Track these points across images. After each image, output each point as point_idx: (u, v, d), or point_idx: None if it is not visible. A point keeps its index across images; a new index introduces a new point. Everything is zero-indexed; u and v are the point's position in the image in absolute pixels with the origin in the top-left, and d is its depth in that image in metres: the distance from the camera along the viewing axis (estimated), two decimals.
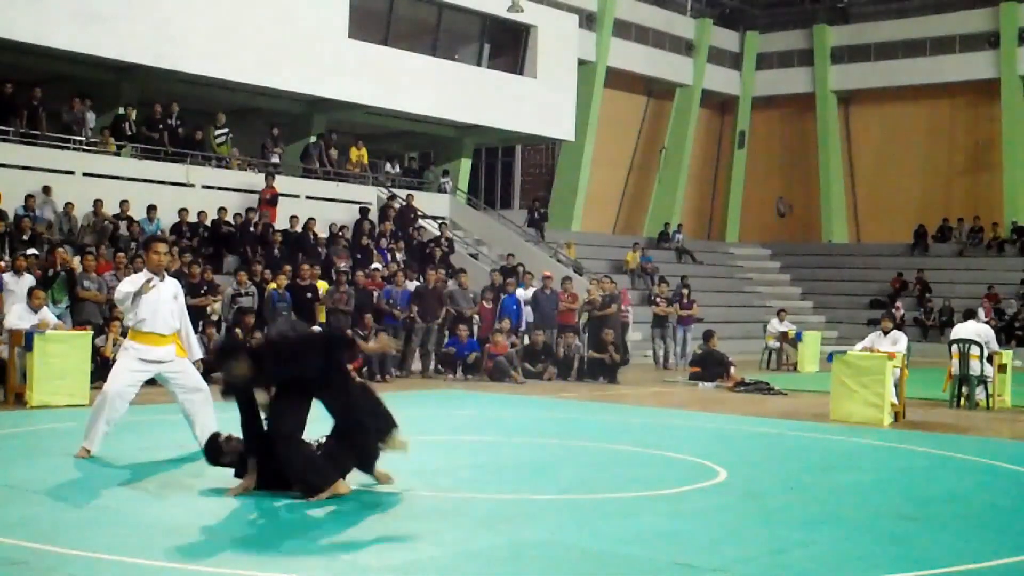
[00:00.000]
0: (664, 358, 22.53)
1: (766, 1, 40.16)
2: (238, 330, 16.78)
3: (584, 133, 32.98)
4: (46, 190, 19.12)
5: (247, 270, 18.18)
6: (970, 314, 16.35)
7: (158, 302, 8.75)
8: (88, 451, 8.72)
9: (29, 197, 18.45)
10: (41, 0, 19.59)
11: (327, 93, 24.31)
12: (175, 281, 9.21)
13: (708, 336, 19.38)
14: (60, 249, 16.28)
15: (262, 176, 22.79)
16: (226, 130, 23.01)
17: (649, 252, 31.53)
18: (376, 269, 20.47)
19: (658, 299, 22.97)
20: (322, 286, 18.53)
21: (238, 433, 7.68)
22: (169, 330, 8.86)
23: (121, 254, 17.15)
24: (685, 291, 23.43)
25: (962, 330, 15.65)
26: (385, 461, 7.73)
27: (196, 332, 16.04)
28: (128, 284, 8.81)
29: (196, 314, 16.90)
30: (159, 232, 19.84)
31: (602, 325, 19.36)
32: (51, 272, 15.70)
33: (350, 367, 17.00)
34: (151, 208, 19.91)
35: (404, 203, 24.76)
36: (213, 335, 16.40)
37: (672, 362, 22.34)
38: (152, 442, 9.90)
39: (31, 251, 16.41)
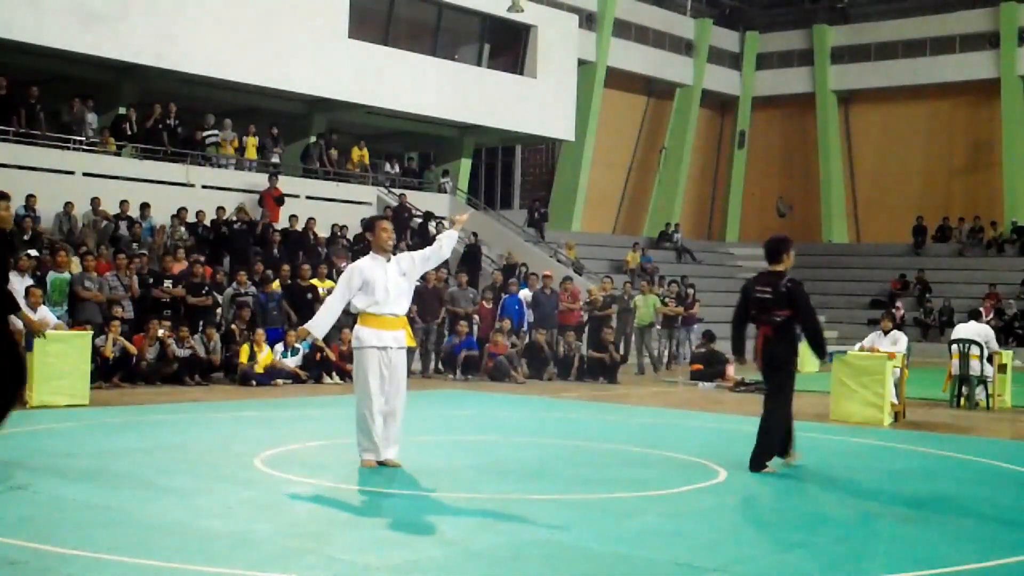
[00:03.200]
0: (668, 358, 22.57)
1: (766, 1, 40.16)
2: (234, 326, 16.79)
3: (584, 133, 32.99)
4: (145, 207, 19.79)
5: (247, 270, 18.18)
6: (975, 315, 16.34)
7: (387, 281, 8.50)
8: (375, 462, 8.49)
9: (30, 197, 18.44)
10: (41, 0, 19.60)
11: (327, 93, 24.33)
12: (406, 255, 8.86)
13: (712, 337, 19.30)
14: (61, 251, 16.26)
15: (262, 176, 22.79)
16: (217, 132, 22.95)
17: (649, 252, 31.53)
18: None
19: (666, 299, 23.05)
20: (328, 285, 18.53)
21: None
22: (402, 311, 8.61)
23: (122, 255, 17.12)
24: (691, 291, 23.57)
25: (963, 330, 15.65)
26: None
27: (196, 332, 16.18)
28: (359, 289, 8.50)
29: (197, 313, 16.97)
30: (154, 229, 19.83)
31: (602, 325, 19.37)
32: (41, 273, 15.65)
33: (351, 367, 17.08)
34: (144, 206, 19.85)
35: (398, 202, 24.75)
36: (213, 335, 16.41)
37: (676, 362, 22.40)
38: (152, 442, 9.90)
39: (32, 252, 16.39)
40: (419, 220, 24.79)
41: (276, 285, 17.87)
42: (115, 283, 16.28)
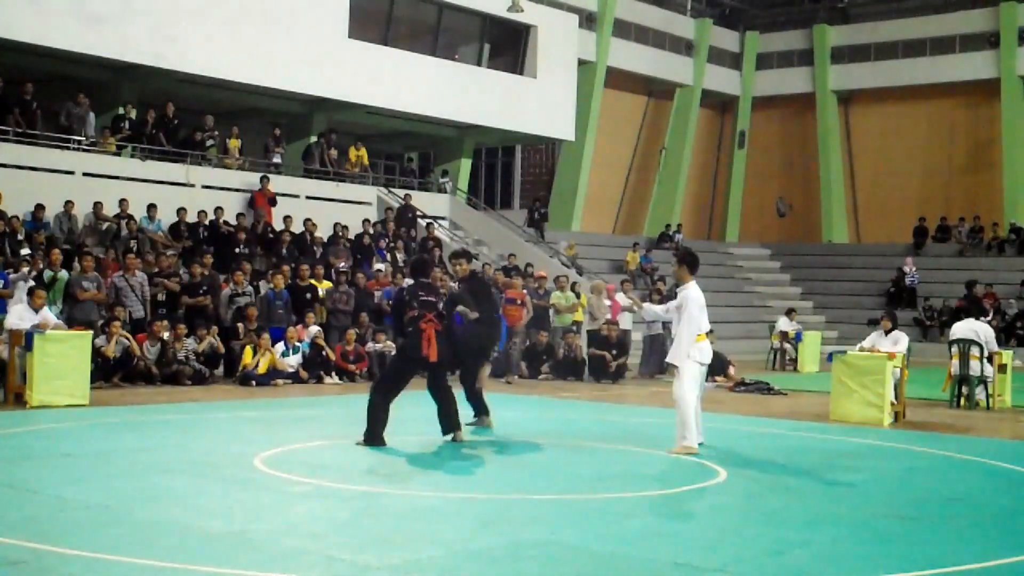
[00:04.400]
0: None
1: (766, 1, 40.16)
2: (240, 325, 16.80)
3: (584, 133, 32.99)
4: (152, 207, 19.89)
5: (244, 270, 18.18)
6: (978, 311, 16.30)
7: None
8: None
9: (39, 207, 18.41)
10: (41, 0, 19.59)
11: (327, 93, 24.32)
12: (683, 292, 10.43)
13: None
14: (55, 250, 16.27)
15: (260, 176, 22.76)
16: (216, 133, 22.93)
17: (649, 252, 31.52)
18: (379, 271, 20.51)
19: (656, 297, 22.98)
20: (326, 286, 18.55)
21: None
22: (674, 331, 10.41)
23: (131, 255, 17.12)
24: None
25: (960, 328, 15.63)
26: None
27: (195, 332, 16.17)
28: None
29: (196, 313, 16.96)
30: (160, 232, 19.83)
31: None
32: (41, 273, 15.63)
33: (354, 368, 17.13)
34: (151, 207, 19.91)
35: (403, 203, 24.76)
36: (212, 335, 16.40)
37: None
38: (152, 442, 9.90)
39: (25, 251, 16.38)
40: (426, 222, 24.72)
41: (279, 281, 17.81)
42: (122, 284, 16.27)
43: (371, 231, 23.06)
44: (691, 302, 10.10)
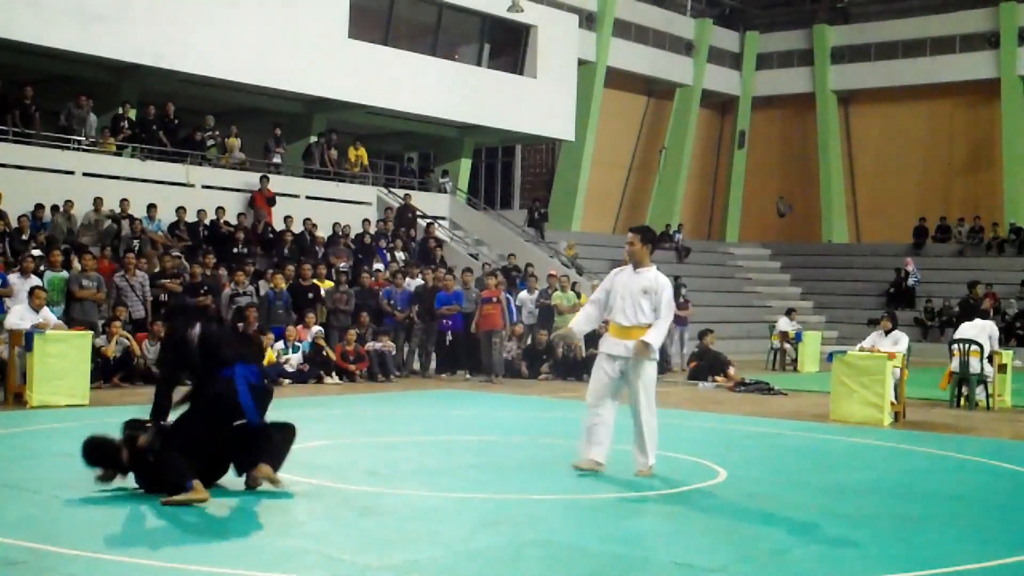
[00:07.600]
0: (667, 359, 22.55)
1: (766, 1, 40.16)
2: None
3: (584, 133, 32.99)
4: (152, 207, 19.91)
5: (244, 270, 18.19)
6: (981, 312, 16.32)
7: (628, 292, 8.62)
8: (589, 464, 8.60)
9: (39, 207, 18.44)
10: (41, 0, 19.60)
11: (327, 93, 24.32)
12: (649, 274, 8.68)
13: (703, 334, 19.25)
14: (56, 251, 16.27)
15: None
16: (216, 133, 22.96)
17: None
18: (379, 270, 20.52)
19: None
20: (328, 285, 18.55)
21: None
22: (628, 322, 8.64)
23: (131, 254, 17.11)
24: (683, 290, 23.53)
25: (967, 328, 15.61)
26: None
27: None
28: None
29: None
30: (160, 232, 19.83)
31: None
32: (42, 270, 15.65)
33: (354, 368, 17.11)
34: (151, 207, 19.92)
35: (403, 203, 24.78)
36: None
37: (675, 362, 22.34)
38: None
39: (36, 251, 16.39)
40: (426, 222, 24.71)
41: (279, 281, 17.80)
42: (123, 284, 16.26)
43: (372, 231, 23.09)
44: (669, 289, 8.81)
